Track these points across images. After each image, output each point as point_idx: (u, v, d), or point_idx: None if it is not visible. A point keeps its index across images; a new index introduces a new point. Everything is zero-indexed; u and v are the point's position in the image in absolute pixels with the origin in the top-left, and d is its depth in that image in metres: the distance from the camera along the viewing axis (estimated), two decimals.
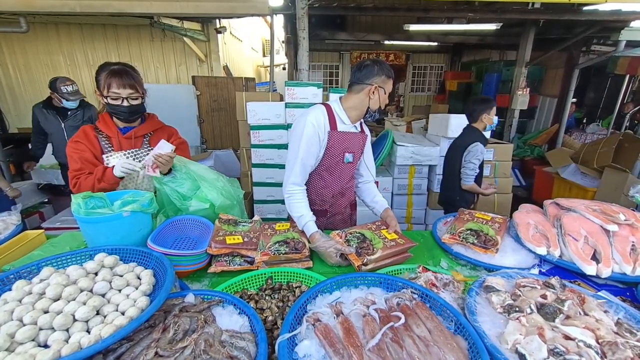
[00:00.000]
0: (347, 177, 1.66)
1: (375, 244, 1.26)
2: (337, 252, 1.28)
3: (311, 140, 1.43)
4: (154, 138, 1.60)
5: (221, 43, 6.31)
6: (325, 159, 1.53)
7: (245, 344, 0.75)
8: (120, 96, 1.41)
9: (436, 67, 10.04)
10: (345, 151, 1.53)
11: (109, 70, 1.41)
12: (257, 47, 10.59)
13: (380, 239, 1.29)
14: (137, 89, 1.45)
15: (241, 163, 3.76)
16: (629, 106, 6.16)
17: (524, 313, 0.86)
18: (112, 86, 1.39)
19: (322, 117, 1.45)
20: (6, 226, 1.53)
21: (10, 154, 4.15)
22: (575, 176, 4.11)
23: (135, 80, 1.44)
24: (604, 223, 1.26)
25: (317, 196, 1.62)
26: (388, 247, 1.24)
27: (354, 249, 1.25)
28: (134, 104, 1.46)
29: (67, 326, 0.73)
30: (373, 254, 1.20)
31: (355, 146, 1.57)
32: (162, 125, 1.66)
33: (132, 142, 1.55)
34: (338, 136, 1.49)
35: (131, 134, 1.54)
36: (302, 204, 1.45)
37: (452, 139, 3.41)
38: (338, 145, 1.50)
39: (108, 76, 1.39)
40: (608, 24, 4.61)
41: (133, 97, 1.44)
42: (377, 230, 1.39)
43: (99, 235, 1.14)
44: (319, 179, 1.59)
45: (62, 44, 5.88)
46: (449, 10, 4.69)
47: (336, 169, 1.57)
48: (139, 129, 1.56)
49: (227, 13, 4.33)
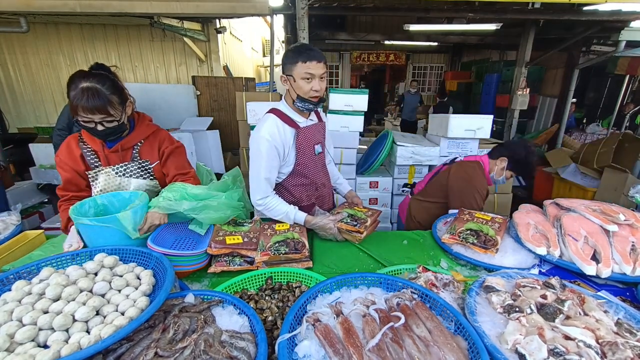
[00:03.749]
0: (321, 167, 1.71)
1: (360, 216, 1.51)
2: (333, 222, 1.45)
3: (270, 155, 1.45)
4: (145, 147, 1.44)
5: (221, 43, 6.31)
6: (300, 158, 1.55)
7: (245, 344, 0.75)
8: (93, 120, 1.23)
9: (436, 67, 10.05)
10: (314, 143, 1.61)
11: (76, 90, 1.18)
12: (257, 47, 10.59)
13: (362, 213, 1.54)
14: (109, 111, 1.23)
15: (241, 163, 3.76)
16: (629, 106, 6.16)
17: (524, 313, 0.86)
18: (79, 110, 1.20)
19: (274, 127, 1.45)
20: (6, 226, 1.53)
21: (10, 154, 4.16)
22: (575, 176, 4.11)
23: (106, 102, 1.22)
24: (603, 223, 1.25)
25: (303, 193, 1.66)
26: (369, 216, 1.52)
27: (351, 223, 1.45)
28: (109, 126, 1.27)
29: (67, 326, 0.73)
30: (365, 223, 1.45)
31: (319, 136, 1.64)
32: (153, 130, 1.47)
33: (120, 155, 1.40)
34: (304, 132, 1.53)
35: (118, 147, 1.38)
36: (279, 205, 1.50)
37: (452, 139, 3.43)
38: (307, 141, 1.56)
39: (75, 98, 1.18)
40: (608, 24, 4.61)
41: (107, 120, 1.25)
42: (354, 208, 1.61)
43: (98, 237, 1.14)
44: (300, 177, 1.62)
45: (62, 44, 5.88)
46: (449, 10, 4.69)
47: (311, 163, 1.63)
48: (126, 141, 1.39)
49: (227, 13, 4.33)
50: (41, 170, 3.46)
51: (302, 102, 1.45)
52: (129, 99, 1.36)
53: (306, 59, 1.36)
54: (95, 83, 1.21)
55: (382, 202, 3.47)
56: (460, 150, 3.51)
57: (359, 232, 1.41)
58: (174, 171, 1.49)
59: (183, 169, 1.51)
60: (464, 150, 3.51)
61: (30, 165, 3.66)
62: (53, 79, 6.08)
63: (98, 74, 1.26)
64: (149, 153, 1.46)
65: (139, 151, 1.44)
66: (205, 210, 1.28)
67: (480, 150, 3.59)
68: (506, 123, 6.04)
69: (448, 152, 3.50)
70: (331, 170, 1.85)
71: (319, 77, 1.40)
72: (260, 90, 6.20)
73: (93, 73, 1.26)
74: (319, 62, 1.38)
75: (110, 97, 1.24)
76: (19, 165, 4.32)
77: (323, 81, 1.43)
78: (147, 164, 1.45)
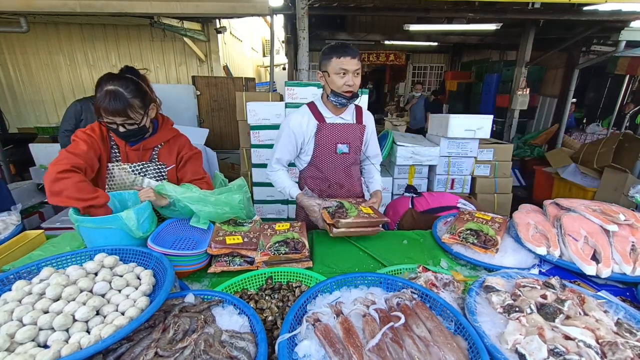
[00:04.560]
0: (343, 167, 1.68)
1: (350, 213, 1.40)
2: (318, 206, 1.45)
3: (285, 140, 1.62)
4: (164, 150, 1.49)
5: (221, 43, 6.31)
6: (317, 151, 1.62)
7: (245, 344, 0.75)
8: (114, 122, 1.28)
9: (436, 67, 10.06)
10: (338, 142, 1.60)
11: (101, 92, 1.24)
12: (257, 47, 10.60)
13: (356, 210, 1.44)
14: (129, 114, 1.27)
15: (241, 163, 3.77)
16: (629, 106, 6.16)
17: (524, 313, 0.86)
18: (101, 111, 1.25)
19: (301, 117, 1.59)
20: (6, 226, 1.53)
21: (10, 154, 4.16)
22: (575, 176, 4.11)
23: (126, 105, 1.25)
24: (603, 223, 1.25)
25: (314, 186, 1.68)
26: (360, 216, 1.38)
27: (333, 214, 1.40)
28: (131, 128, 1.32)
29: (67, 326, 0.73)
30: (346, 218, 1.35)
31: (350, 137, 1.62)
32: (174, 134, 1.52)
33: (140, 154, 1.44)
34: (327, 128, 1.59)
35: (139, 146, 1.43)
36: (284, 178, 1.66)
37: (452, 139, 3.44)
38: (328, 136, 1.59)
39: (99, 99, 1.24)
40: (608, 24, 4.61)
41: (128, 123, 1.30)
42: (356, 204, 1.51)
43: (98, 237, 1.14)
44: (315, 170, 1.66)
45: (62, 44, 5.89)
46: (449, 10, 4.69)
47: (329, 160, 1.64)
48: (149, 141, 1.44)
49: (227, 13, 4.34)
50: (41, 170, 3.46)
51: (335, 96, 1.50)
52: (154, 102, 1.40)
53: (340, 54, 1.42)
54: (119, 86, 1.25)
55: (382, 202, 3.47)
56: (460, 150, 3.51)
57: (334, 225, 1.36)
58: (190, 176, 1.51)
59: (198, 174, 1.54)
60: (464, 150, 3.51)
61: (30, 165, 3.66)
62: (53, 79, 6.09)
63: (123, 77, 1.30)
64: (167, 156, 1.50)
65: (158, 153, 1.48)
66: (201, 202, 1.30)
67: (480, 150, 3.60)
68: (506, 123, 6.04)
69: (448, 152, 3.51)
70: (370, 170, 1.84)
71: (353, 72, 1.45)
72: (260, 90, 6.20)
73: (119, 76, 1.30)
74: (352, 57, 1.43)
75: (132, 100, 1.27)
76: (19, 165, 4.32)
77: (357, 77, 1.47)
78: (164, 167, 1.49)
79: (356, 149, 1.67)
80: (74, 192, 1.12)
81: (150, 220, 1.23)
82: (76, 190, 1.12)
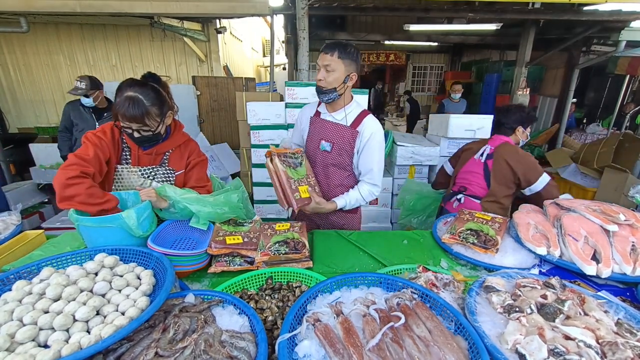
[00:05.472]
0: (322, 165, 1.66)
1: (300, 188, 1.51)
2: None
3: (295, 123, 1.84)
4: (174, 155, 1.50)
5: (221, 43, 6.31)
6: (307, 142, 1.73)
7: (245, 344, 0.75)
8: (130, 127, 1.30)
9: (436, 67, 10.04)
10: (322, 138, 1.63)
11: (121, 98, 1.27)
12: (257, 47, 10.59)
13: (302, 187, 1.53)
14: (146, 121, 1.29)
15: (241, 163, 3.77)
16: (630, 106, 6.16)
17: (524, 313, 0.86)
18: (119, 117, 1.28)
19: (308, 109, 1.74)
20: (6, 226, 1.53)
21: (10, 154, 4.16)
22: (575, 176, 4.10)
23: (144, 112, 1.27)
24: (604, 223, 1.25)
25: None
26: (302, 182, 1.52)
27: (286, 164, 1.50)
28: (145, 135, 1.34)
29: (67, 326, 0.73)
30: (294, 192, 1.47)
31: (335, 136, 1.61)
32: (185, 139, 1.53)
33: (151, 158, 1.45)
34: (317, 122, 1.67)
35: (152, 151, 1.44)
36: None
37: (452, 139, 3.43)
38: (315, 130, 1.68)
39: (117, 105, 1.27)
40: (608, 24, 4.61)
41: (144, 129, 1.32)
42: (307, 184, 1.57)
43: (98, 237, 1.14)
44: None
45: (62, 44, 5.88)
46: (449, 10, 4.70)
47: (314, 155, 1.69)
48: (161, 146, 1.45)
49: (227, 13, 4.34)
50: (41, 170, 3.46)
51: (329, 89, 1.53)
52: (171, 109, 1.42)
53: (320, 51, 1.51)
54: (139, 93, 1.27)
55: (382, 202, 3.48)
56: None
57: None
58: (193, 182, 1.51)
59: (201, 181, 1.54)
60: None
61: (30, 165, 3.66)
62: (53, 79, 6.09)
63: (144, 83, 1.33)
64: (177, 162, 1.50)
65: (169, 158, 1.49)
66: (200, 203, 1.30)
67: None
68: None
69: (448, 152, 3.50)
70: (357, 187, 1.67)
71: (324, 67, 1.49)
72: (260, 90, 6.19)
73: (139, 82, 1.33)
74: (325, 53, 1.48)
75: (150, 108, 1.29)
76: (19, 165, 4.33)
77: (329, 73, 1.48)
78: (173, 172, 1.50)
79: (341, 151, 1.60)
80: (85, 197, 1.15)
81: (150, 219, 1.23)
82: (87, 196, 1.16)
